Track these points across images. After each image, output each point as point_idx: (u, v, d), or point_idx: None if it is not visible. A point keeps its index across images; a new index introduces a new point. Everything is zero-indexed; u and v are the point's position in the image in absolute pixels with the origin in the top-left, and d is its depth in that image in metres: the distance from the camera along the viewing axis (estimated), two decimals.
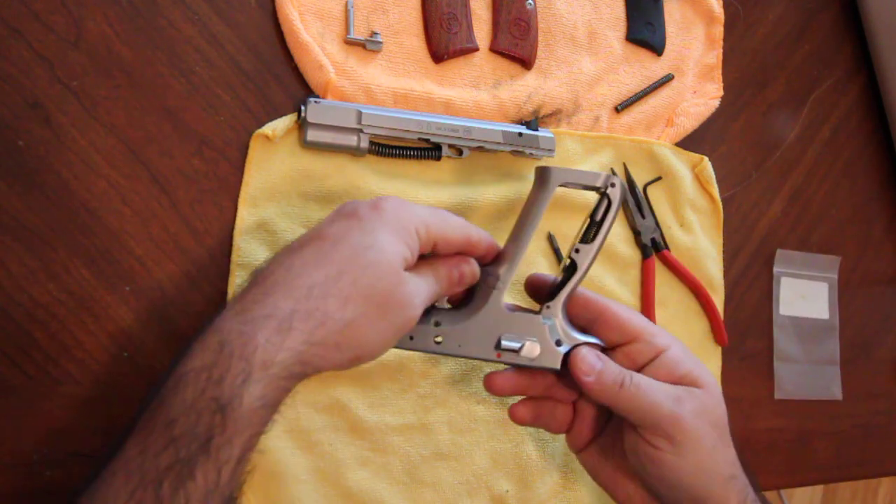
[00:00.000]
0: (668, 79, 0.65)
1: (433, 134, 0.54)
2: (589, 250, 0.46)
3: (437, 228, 0.41)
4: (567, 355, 0.44)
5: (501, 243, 0.46)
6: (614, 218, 0.46)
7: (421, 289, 0.40)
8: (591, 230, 0.46)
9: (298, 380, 0.37)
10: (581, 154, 0.60)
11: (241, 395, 0.34)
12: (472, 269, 0.44)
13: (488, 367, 0.55)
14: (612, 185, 0.46)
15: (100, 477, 0.33)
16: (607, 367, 0.43)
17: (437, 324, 0.44)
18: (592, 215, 0.47)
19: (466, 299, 0.46)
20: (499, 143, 0.55)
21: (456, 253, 0.43)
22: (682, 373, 0.43)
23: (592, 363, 0.43)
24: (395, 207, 0.40)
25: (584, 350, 0.43)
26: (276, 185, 0.52)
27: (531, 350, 0.44)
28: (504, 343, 0.44)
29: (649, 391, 0.42)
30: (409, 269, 0.40)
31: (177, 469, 0.32)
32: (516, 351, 0.44)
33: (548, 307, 0.46)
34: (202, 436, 0.33)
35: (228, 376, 0.34)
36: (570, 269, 0.46)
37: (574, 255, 0.46)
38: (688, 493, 0.42)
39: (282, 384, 0.35)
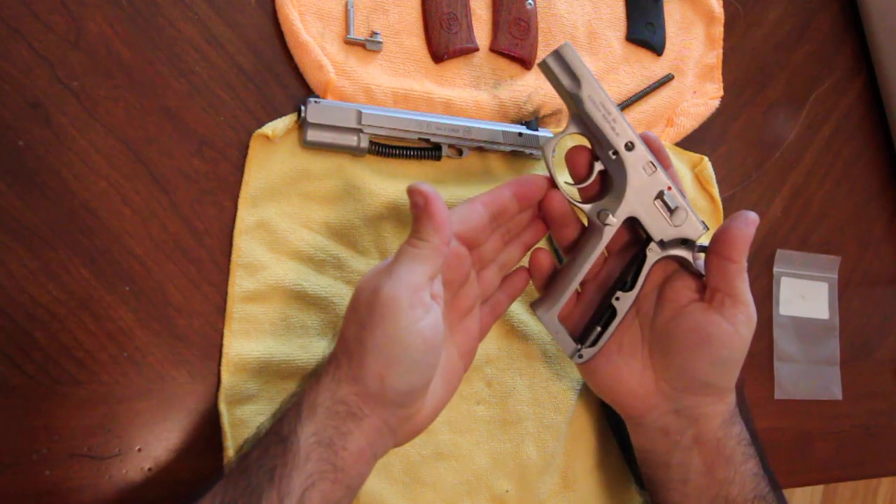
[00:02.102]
0: (668, 79, 0.65)
1: (433, 134, 0.54)
2: (628, 297, 0.47)
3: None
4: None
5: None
6: (652, 267, 0.47)
7: (402, 274, 0.40)
8: (630, 278, 0.47)
9: (353, 421, 0.40)
10: None
11: (297, 430, 0.39)
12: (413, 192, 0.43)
13: (488, 368, 0.55)
14: (652, 242, 0.47)
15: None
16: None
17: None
18: (629, 264, 0.48)
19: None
20: (499, 143, 0.55)
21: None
22: None
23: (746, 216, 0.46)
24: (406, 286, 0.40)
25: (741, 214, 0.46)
26: (276, 185, 0.52)
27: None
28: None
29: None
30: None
31: (248, 493, 0.38)
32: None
33: (580, 356, 0.48)
34: (268, 465, 0.38)
35: (287, 416, 0.40)
36: (610, 316, 0.47)
37: (615, 302, 0.47)
38: (722, 377, 0.46)
39: (331, 423, 0.39)
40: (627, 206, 0.46)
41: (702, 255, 0.48)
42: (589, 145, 0.48)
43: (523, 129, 0.56)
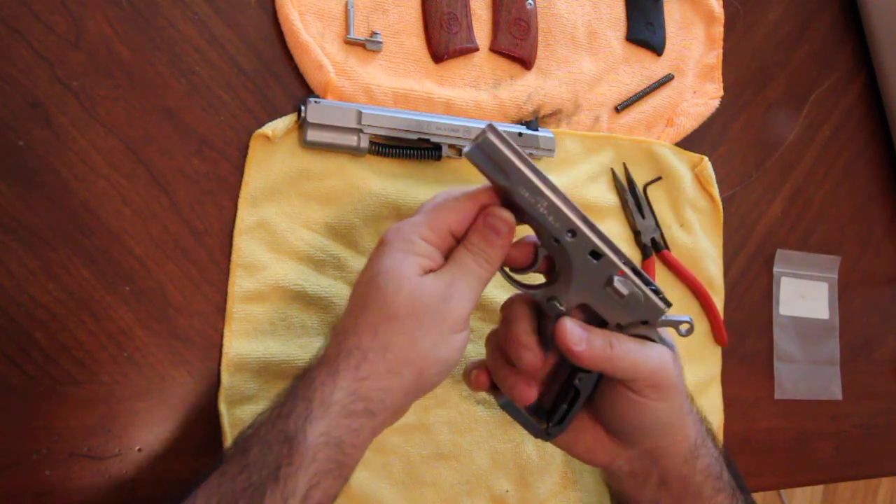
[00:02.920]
0: (668, 79, 0.65)
1: (433, 134, 0.54)
2: (590, 378, 0.45)
3: (437, 220, 0.42)
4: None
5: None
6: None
7: (444, 281, 0.40)
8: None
9: (367, 417, 0.39)
10: (581, 154, 0.60)
11: (305, 429, 0.38)
12: (495, 217, 0.42)
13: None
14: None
15: (184, 500, 0.38)
16: (593, 333, 0.44)
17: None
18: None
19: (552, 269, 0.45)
20: None
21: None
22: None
23: (580, 334, 0.43)
24: (394, 231, 0.42)
25: (567, 323, 0.43)
26: (276, 185, 0.52)
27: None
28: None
29: (635, 349, 0.44)
30: (432, 270, 0.41)
31: (250, 492, 0.37)
32: None
33: (548, 434, 0.46)
34: (271, 464, 0.37)
35: (293, 413, 0.39)
36: (574, 396, 0.46)
37: (577, 384, 0.45)
38: (661, 430, 0.46)
39: (344, 422, 0.39)
40: (575, 295, 0.43)
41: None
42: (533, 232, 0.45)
43: (523, 129, 0.56)
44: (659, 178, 0.63)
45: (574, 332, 0.43)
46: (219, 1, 0.52)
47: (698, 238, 0.64)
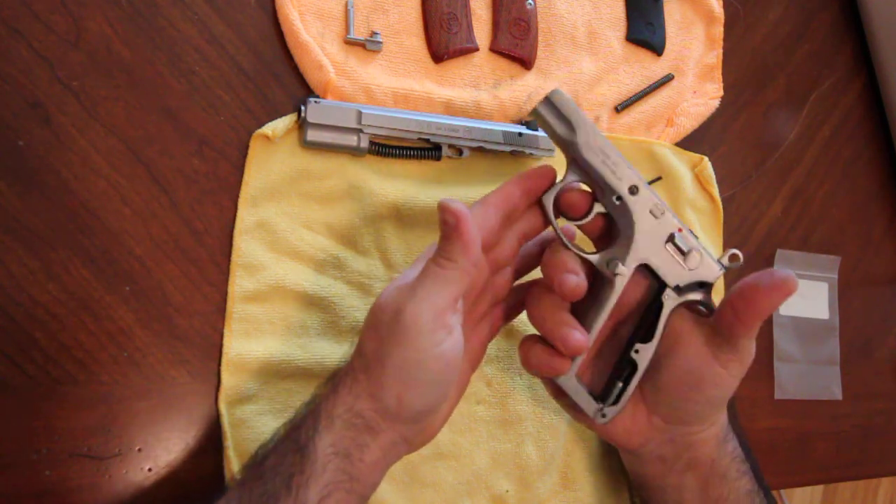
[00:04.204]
0: (668, 79, 0.65)
1: (433, 134, 0.54)
2: (648, 349, 0.45)
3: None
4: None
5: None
6: (670, 314, 0.45)
7: (403, 292, 0.39)
8: (648, 329, 0.45)
9: (369, 434, 0.40)
10: None
11: (315, 440, 0.39)
12: (442, 210, 0.40)
13: (488, 368, 0.55)
14: (667, 289, 0.44)
15: None
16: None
17: None
18: (645, 314, 0.45)
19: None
20: (499, 143, 0.55)
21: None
22: None
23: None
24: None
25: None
26: (276, 185, 0.52)
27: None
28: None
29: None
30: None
31: (263, 499, 0.37)
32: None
33: (603, 415, 0.46)
34: (284, 472, 0.38)
35: (304, 425, 0.40)
36: (631, 370, 0.45)
37: (634, 356, 0.45)
38: (715, 410, 0.46)
39: (348, 434, 0.39)
40: (638, 253, 0.43)
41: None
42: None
43: (523, 129, 0.56)
44: (659, 178, 0.63)
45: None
46: (219, 1, 0.52)
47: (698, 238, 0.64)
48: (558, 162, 0.59)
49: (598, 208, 0.44)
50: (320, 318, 0.51)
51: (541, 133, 0.57)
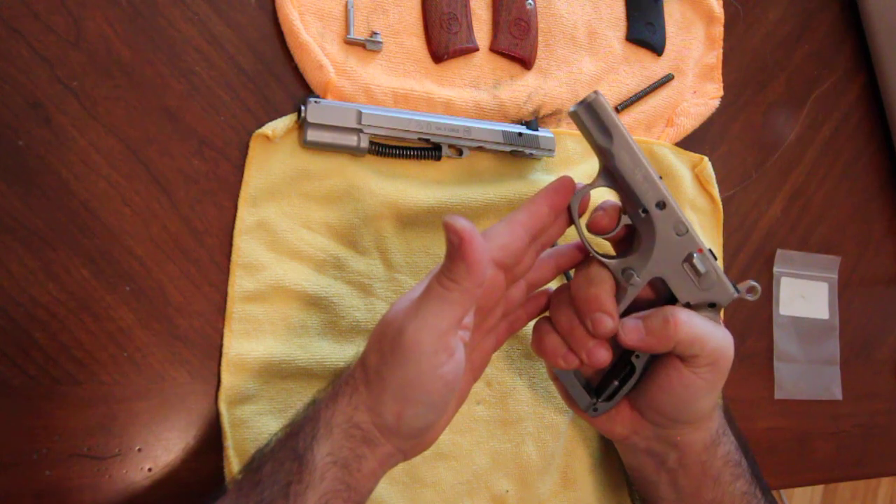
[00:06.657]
0: (668, 79, 0.65)
1: (433, 134, 0.54)
2: (646, 355, 0.46)
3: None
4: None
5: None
6: None
7: (407, 311, 0.39)
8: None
9: (367, 446, 0.40)
10: (581, 154, 0.60)
11: (313, 448, 0.38)
12: (446, 228, 0.37)
13: (488, 368, 0.55)
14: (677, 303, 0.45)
15: None
16: (648, 316, 0.44)
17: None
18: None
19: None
20: (499, 143, 0.55)
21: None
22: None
23: (634, 324, 0.43)
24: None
25: (628, 322, 0.44)
26: (276, 185, 0.52)
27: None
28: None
29: (702, 323, 0.43)
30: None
31: None
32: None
33: (595, 409, 0.47)
34: (282, 480, 0.38)
35: (302, 432, 0.39)
36: (629, 373, 0.46)
37: (634, 360, 0.46)
38: (696, 416, 0.46)
39: (346, 444, 0.39)
40: (654, 267, 0.43)
41: None
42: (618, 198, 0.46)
43: (523, 129, 0.56)
44: (659, 179, 0.63)
45: (629, 326, 0.43)
46: (219, 1, 0.52)
47: None
48: (558, 162, 0.59)
49: (625, 220, 0.44)
50: (320, 318, 0.51)
51: (540, 133, 0.57)
